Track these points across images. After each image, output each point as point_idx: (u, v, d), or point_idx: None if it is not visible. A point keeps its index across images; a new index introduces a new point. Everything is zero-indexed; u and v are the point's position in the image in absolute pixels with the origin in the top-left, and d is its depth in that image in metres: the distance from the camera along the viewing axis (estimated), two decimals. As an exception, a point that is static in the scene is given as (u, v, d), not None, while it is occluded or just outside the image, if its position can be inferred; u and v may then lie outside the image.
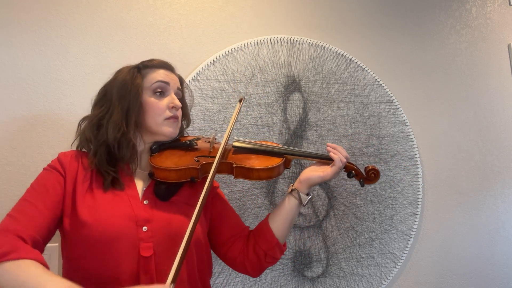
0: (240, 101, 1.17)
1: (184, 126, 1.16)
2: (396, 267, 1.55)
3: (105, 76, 1.37)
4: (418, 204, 1.60)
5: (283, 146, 1.11)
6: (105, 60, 1.35)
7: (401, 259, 1.56)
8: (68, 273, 0.93)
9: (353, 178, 1.11)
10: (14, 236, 0.82)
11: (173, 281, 0.68)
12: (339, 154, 1.05)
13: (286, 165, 1.09)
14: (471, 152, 1.75)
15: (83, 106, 1.31)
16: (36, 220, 0.87)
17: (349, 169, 1.09)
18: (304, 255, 1.46)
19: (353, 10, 1.68)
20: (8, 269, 0.76)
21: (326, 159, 1.08)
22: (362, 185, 1.10)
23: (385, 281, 1.53)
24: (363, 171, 1.11)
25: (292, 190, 1.07)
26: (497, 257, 1.71)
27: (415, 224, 1.59)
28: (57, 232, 0.96)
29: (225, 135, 1.04)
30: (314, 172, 1.06)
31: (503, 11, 1.92)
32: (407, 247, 1.57)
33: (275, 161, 1.03)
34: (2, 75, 1.25)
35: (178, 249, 0.92)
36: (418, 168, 1.62)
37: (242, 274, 1.37)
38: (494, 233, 1.73)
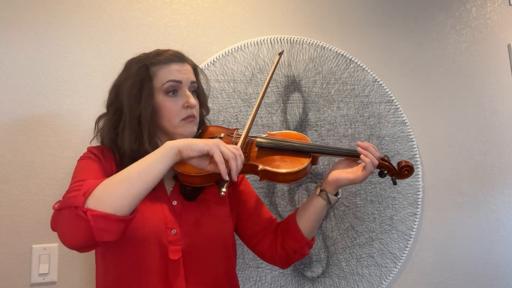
0: (280, 54, 1.09)
1: (204, 114, 1.12)
2: (396, 267, 1.55)
3: (105, 76, 1.37)
4: (418, 204, 1.60)
5: (309, 143, 1.06)
6: (105, 60, 1.35)
7: (401, 259, 1.56)
8: (101, 273, 0.94)
9: (386, 176, 1.05)
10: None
11: (242, 145, 0.94)
12: (371, 157, 0.98)
13: (313, 162, 1.04)
14: (471, 152, 1.75)
15: (83, 106, 1.31)
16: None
17: (381, 167, 1.02)
18: (304, 255, 1.46)
19: (353, 10, 1.68)
20: (105, 185, 0.78)
21: (356, 157, 1.02)
22: (395, 183, 1.03)
23: (385, 281, 1.53)
24: (395, 166, 1.05)
25: (320, 191, 1.04)
26: (497, 257, 1.72)
27: (415, 224, 1.59)
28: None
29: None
30: (343, 174, 1.02)
31: (503, 11, 1.92)
32: (407, 247, 1.57)
33: (302, 163, 0.99)
34: (2, 75, 1.25)
35: (208, 253, 0.94)
36: (418, 168, 1.62)
37: (242, 274, 1.37)
38: (494, 233, 1.73)
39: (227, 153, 0.84)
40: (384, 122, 1.62)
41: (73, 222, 0.74)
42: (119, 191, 0.77)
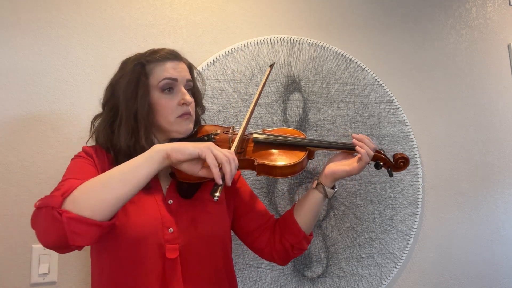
0: (271, 66, 1.09)
1: (200, 113, 1.12)
2: (396, 267, 1.55)
3: (105, 76, 1.36)
4: (418, 204, 1.60)
5: (304, 138, 1.06)
6: (105, 60, 1.35)
7: (401, 259, 1.56)
8: (96, 274, 0.94)
9: (382, 168, 1.06)
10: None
11: (235, 150, 0.90)
12: (366, 148, 0.98)
13: (310, 157, 1.05)
14: (471, 152, 1.75)
15: (83, 106, 1.31)
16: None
17: (376, 159, 1.03)
18: (304, 255, 1.46)
19: (353, 10, 1.68)
20: (84, 187, 0.76)
21: (352, 149, 1.02)
22: (391, 175, 1.04)
23: (385, 281, 1.53)
24: (391, 158, 1.05)
25: (317, 184, 1.04)
26: (497, 257, 1.71)
27: (415, 224, 1.59)
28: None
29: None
30: (339, 166, 1.02)
31: (503, 11, 1.92)
32: (407, 247, 1.57)
33: (298, 156, 0.99)
34: (2, 75, 1.25)
35: (205, 251, 0.94)
36: (418, 168, 1.62)
37: (242, 274, 1.37)
38: (494, 233, 1.73)
39: (220, 157, 0.80)
40: (384, 122, 1.62)
41: (48, 223, 0.72)
42: (98, 194, 0.74)
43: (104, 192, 0.75)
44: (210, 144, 0.83)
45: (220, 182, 0.80)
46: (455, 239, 1.67)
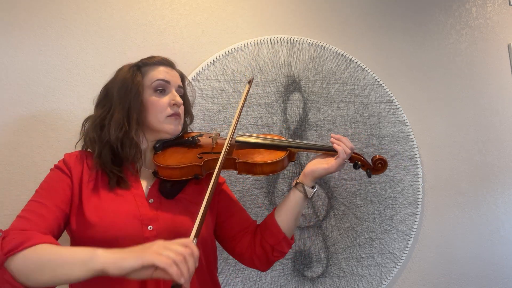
0: (249, 82, 1.12)
1: (188, 123, 1.16)
2: (396, 267, 1.55)
3: (105, 76, 1.36)
4: (418, 204, 1.60)
5: (286, 139, 1.09)
6: (105, 60, 1.35)
7: (401, 259, 1.56)
8: None
9: (360, 169, 1.08)
10: (26, 232, 0.83)
11: (195, 236, 0.79)
12: (343, 146, 1.02)
13: (290, 158, 1.07)
14: (471, 152, 1.75)
15: (83, 106, 1.31)
16: (46, 219, 0.87)
17: (355, 160, 1.07)
18: (304, 255, 1.46)
19: (353, 10, 1.68)
20: (27, 255, 0.78)
21: (331, 151, 1.05)
22: (369, 176, 1.07)
23: (385, 281, 1.53)
24: (370, 161, 1.09)
25: (296, 183, 1.05)
26: (497, 257, 1.72)
27: (415, 224, 1.59)
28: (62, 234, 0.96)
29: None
30: (318, 164, 1.04)
31: (503, 11, 1.92)
32: (407, 247, 1.57)
33: (279, 155, 1.02)
34: (2, 75, 1.25)
35: None
36: (418, 168, 1.62)
37: (242, 274, 1.37)
38: (494, 233, 1.73)
39: (173, 257, 0.71)
40: (384, 122, 1.62)
41: None
42: (33, 273, 0.77)
43: (39, 274, 0.77)
44: (157, 246, 0.73)
45: (182, 281, 0.70)
46: (455, 239, 1.67)
